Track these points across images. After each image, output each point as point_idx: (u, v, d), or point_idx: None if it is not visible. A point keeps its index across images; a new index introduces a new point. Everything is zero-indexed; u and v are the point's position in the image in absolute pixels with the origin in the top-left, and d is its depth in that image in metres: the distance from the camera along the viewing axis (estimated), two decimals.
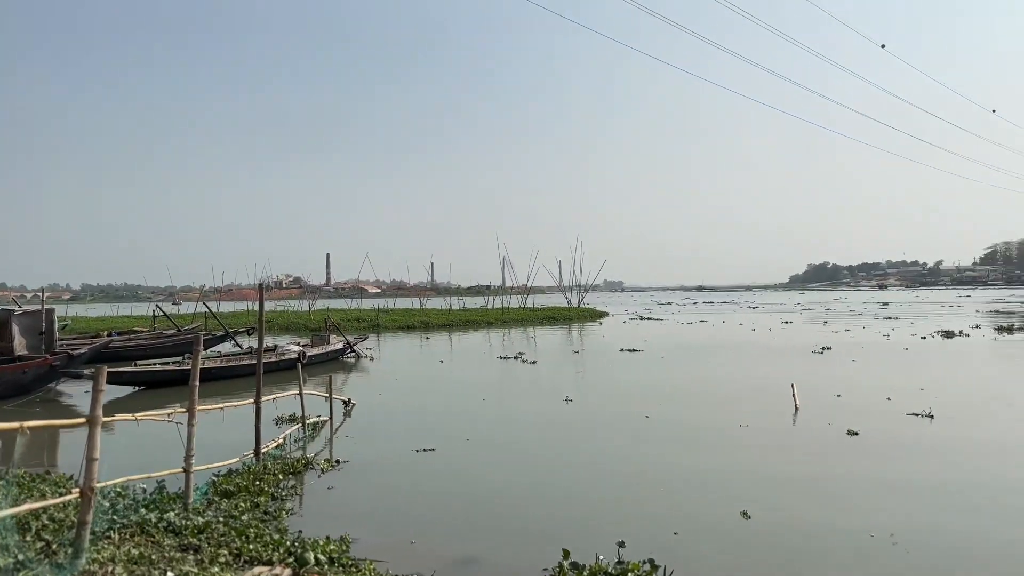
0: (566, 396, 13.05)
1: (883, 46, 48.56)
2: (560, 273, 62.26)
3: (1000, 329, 28.55)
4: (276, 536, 5.37)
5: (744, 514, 6.14)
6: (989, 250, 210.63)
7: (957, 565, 5.11)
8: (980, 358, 19.30)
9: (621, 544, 5.13)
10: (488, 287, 70.92)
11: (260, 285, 8.87)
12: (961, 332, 27.32)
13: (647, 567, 4.72)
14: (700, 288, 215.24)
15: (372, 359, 21.61)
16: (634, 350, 22.42)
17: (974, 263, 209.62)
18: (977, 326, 31.23)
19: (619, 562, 4.89)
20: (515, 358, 20.70)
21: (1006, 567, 5.06)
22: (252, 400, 8.19)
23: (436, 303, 60.18)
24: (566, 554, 4.88)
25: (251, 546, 5.04)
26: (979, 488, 7.01)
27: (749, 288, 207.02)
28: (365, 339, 24.63)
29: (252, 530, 5.45)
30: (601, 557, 4.94)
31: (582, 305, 53.44)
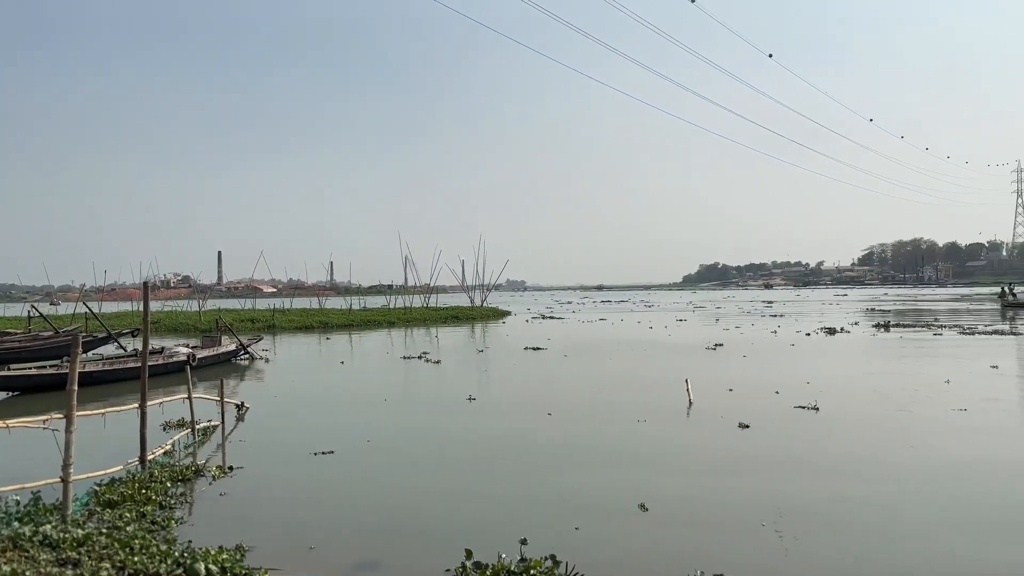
0: (469, 395, 13.02)
1: (770, 55, 51.01)
2: (463, 272, 62.22)
3: (877, 326, 30.48)
4: (164, 547, 5.09)
5: (642, 506, 6.28)
6: (867, 252, 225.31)
7: (844, 548, 5.37)
8: (860, 353, 20.54)
9: (523, 542, 5.15)
10: (390, 286, 70.10)
11: (145, 284, 8.40)
12: (842, 329, 29.01)
13: (549, 563, 4.75)
14: (600, 287, 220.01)
15: (267, 361, 20.93)
16: (538, 348, 22.66)
17: (853, 264, 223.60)
18: (856, 323, 33.23)
19: (521, 560, 4.89)
20: (419, 358, 20.52)
21: (896, 550, 5.36)
22: (136, 405, 7.75)
23: (336, 303, 59.01)
24: (468, 554, 4.84)
25: (136, 558, 4.76)
26: (864, 478, 7.41)
27: (646, 287, 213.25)
28: (259, 340, 23.83)
29: (137, 541, 5.15)
30: (504, 556, 4.93)
31: (485, 304, 53.61)
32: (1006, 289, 51.55)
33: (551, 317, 45.24)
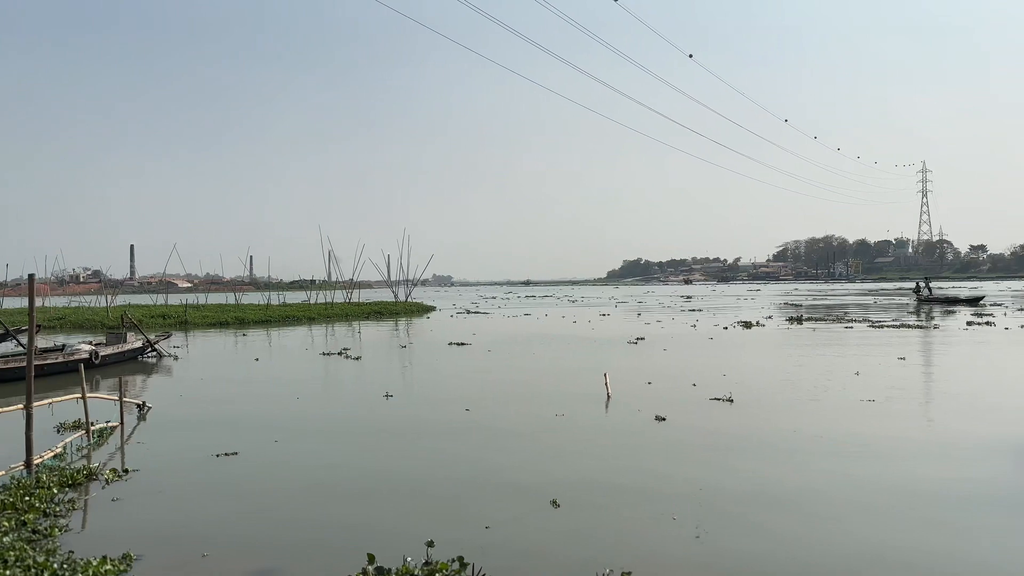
0: (387, 392, 12.72)
1: (691, 56, 52.11)
2: (388, 267, 61.37)
3: (790, 320, 31.48)
4: (41, 559, 4.70)
5: (554, 503, 6.17)
6: (781, 248, 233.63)
7: (755, 538, 5.39)
8: (774, 346, 21.12)
9: (430, 544, 4.95)
10: (312, 281, 68.50)
11: (31, 276, 7.81)
12: (758, 323, 29.84)
13: (456, 565, 4.58)
14: (528, 283, 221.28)
15: (176, 358, 20.07)
16: (463, 344, 22.46)
17: (768, 260, 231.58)
18: (770, 317, 34.25)
19: (427, 563, 4.70)
20: (339, 354, 20.03)
21: (806, 538, 5.40)
22: (22, 406, 7.20)
23: (254, 298, 57.36)
24: (371, 559, 4.62)
25: (8, 572, 4.36)
26: (775, 468, 7.52)
27: (572, 283, 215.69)
28: (169, 336, 22.86)
29: (13, 553, 4.75)
30: (409, 559, 4.73)
31: (410, 300, 53.02)
32: (920, 284, 53.54)
33: (476, 312, 45.10)
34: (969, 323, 28.07)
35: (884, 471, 7.21)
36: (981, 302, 45.18)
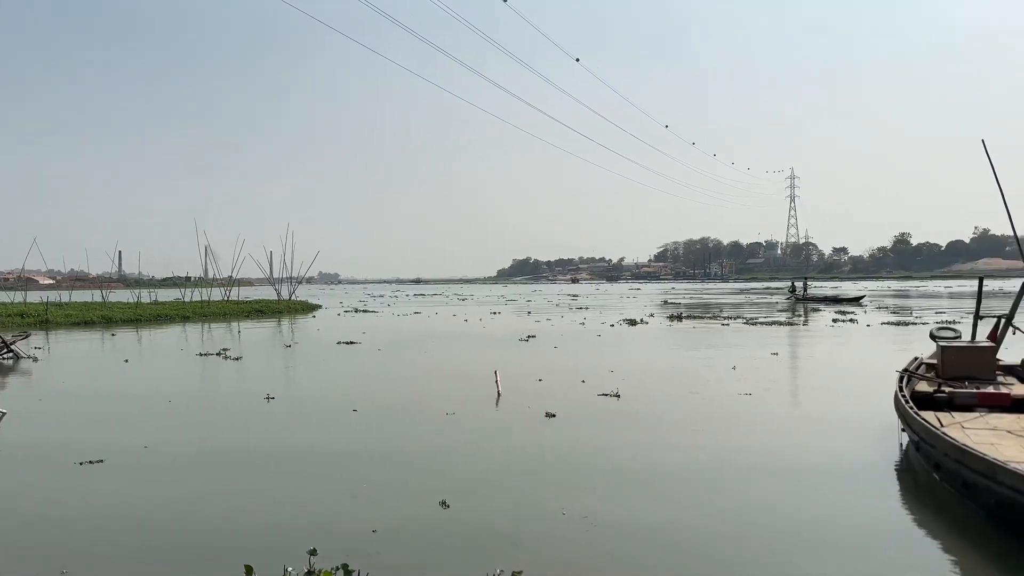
0: (268, 394, 12.12)
1: (577, 60, 53.13)
2: (271, 264, 59.14)
3: (671, 318, 32.59)
4: None
5: (443, 504, 6.00)
6: (661, 249, 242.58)
7: (643, 531, 5.42)
8: (657, 342, 21.78)
9: (312, 552, 4.66)
10: (188, 279, 65.17)
11: None
12: (642, 320, 30.73)
13: (340, 573, 4.32)
14: (418, 281, 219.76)
15: (35, 360, 18.47)
16: (352, 343, 21.85)
17: (649, 260, 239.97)
18: (652, 315, 35.34)
19: (309, 572, 4.43)
20: (217, 354, 19.01)
21: (691, 530, 5.47)
22: None
23: (123, 296, 53.90)
24: (248, 570, 4.28)
25: None
26: (658, 461, 7.64)
27: (462, 281, 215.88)
28: (27, 336, 21.07)
29: None
30: (290, 569, 4.45)
31: (293, 298, 51.33)
32: (795, 284, 55.85)
33: (365, 311, 44.18)
34: (834, 320, 29.92)
35: (760, 455, 7.49)
36: (861, 301, 46.91)
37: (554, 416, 9.77)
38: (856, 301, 46.62)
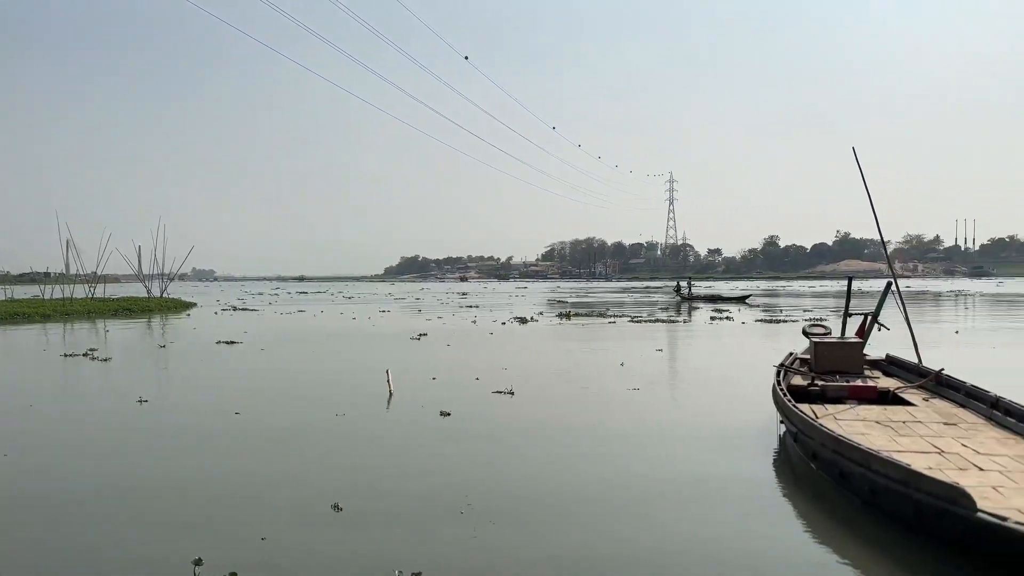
0: (140, 396, 11.38)
1: (466, 57, 53.19)
2: (139, 260, 55.74)
3: (560, 315, 33.14)
4: None
5: (336, 507, 5.81)
6: (549, 248, 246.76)
7: (540, 526, 5.43)
8: (547, 340, 22.05)
9: (197, 562, 4.39)
10: (47, 274, 60.46)
11: None
12: (532, 318, 31.06)
13: None
14: (302, 278, 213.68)
15: None
16: (232, 342, 20.86)
17: (537, 259, 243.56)
18: (541, 313, 35.81)
19: None
20: (84, 355, 17.69)
21: (585, 523, 5.52)
22: None
23: None
24: None
25: None
26: (553, 455, 7.68)
27: (348, 279, 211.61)
28: None
29: None
30: None
31: (166, 295, 48.64)
32: (680, 284, 57.32)
33: (245, 309, 42.45)
34: (712, 318, 31.30)
35: (647, 447, 7.70)
36: (747, 300, 48.34)
37: (449, 415, 9.67)
38: (742, 300, 48.14)
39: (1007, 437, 6.49)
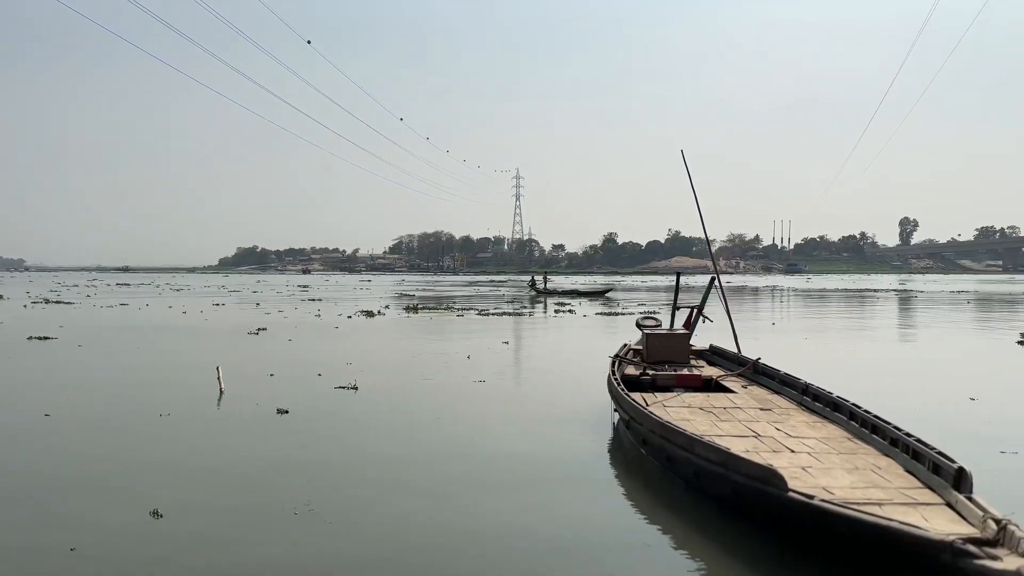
0: None
1: (309, 42, 51.47)
2: None
3: (407, 309, 32.92)
4: None
5: (155, 513, 5.43)
6: (396, 241, 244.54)
7: (378, 528, 5.37)
8: (394, 334, 21.84)
9: None
10: None
11: None
12: (379, 312, 30.60)
13: None
14: (127, 269, 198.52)
15: None
16: (46, 338, 18.98)
17: (384, 252, 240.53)
18: (388, 307, 35.39)
19: None
20: None
21: (432, 517, 5.49)
22: None
23: None
24: None
25: None
26: (396, 453, 7.64)
27: (179, 270, 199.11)
28: None
29: None
30: None
31: None
32: (535, 279, 56.90)
33: (59, 302, 38.80)
34: (556, 311, 32.27)
35: (489, 437, 7.80)
36: (607, 295, 48.33)
37: (287, 412, 9.29)
38: (602, 295, 48.23)
39: (816, 421, 7.05)
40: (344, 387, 11.21)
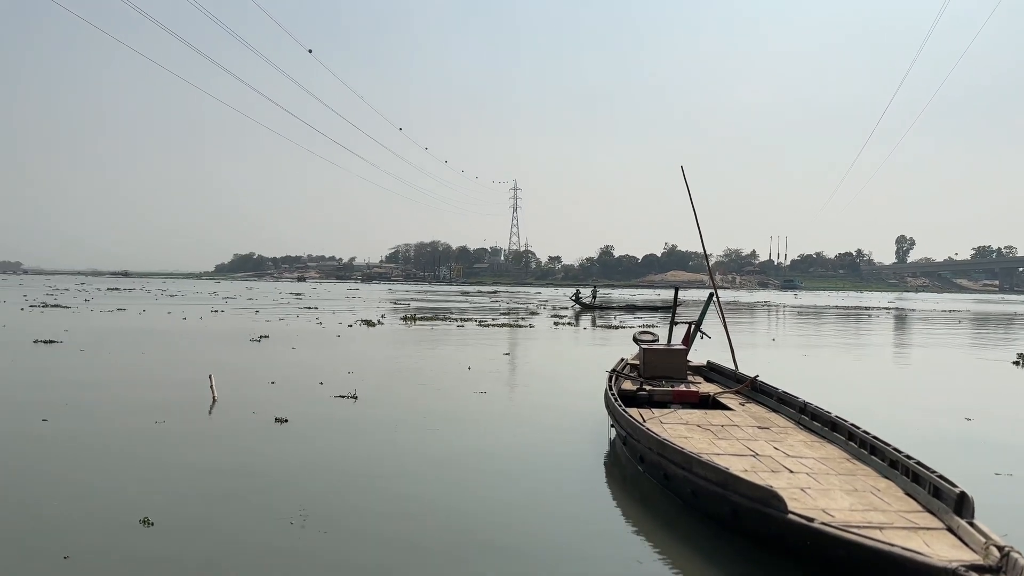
0: None
1: (310, 51, 51.57)
2: None
3: (406, 319, 32.94)
4: None
5: (146, 521, 5.41)
6: (393, 250, 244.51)
7: (376, 539, 5.36)
8: (395, 343, 21.81)
9: None
10: None
11: None
12: (379, 321, 30.60)
13: None
14: (126, 274, 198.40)
15: None
16: (52, 341, 18.94)
17: (381, 261, 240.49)
18: (383, 316, 35.39)
19: None
20: None
21: (418, 528, 5.48)
22: None
23: None
24: None
25: None
26: (395, 464, 7.63)
27: (175, 275, 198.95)
28: None
29: None
30: None
31: None
32: (581, 291, 51.37)
33: (57, 306, 38.74)
34: (555, 323, 32.34)
35: (488, 451, 7.79)
36: (637, 313, 44.40)
37: (286, 421, 9.25)
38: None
39: (813, 440, 6.99)
40: (344, 396, 11.20)
